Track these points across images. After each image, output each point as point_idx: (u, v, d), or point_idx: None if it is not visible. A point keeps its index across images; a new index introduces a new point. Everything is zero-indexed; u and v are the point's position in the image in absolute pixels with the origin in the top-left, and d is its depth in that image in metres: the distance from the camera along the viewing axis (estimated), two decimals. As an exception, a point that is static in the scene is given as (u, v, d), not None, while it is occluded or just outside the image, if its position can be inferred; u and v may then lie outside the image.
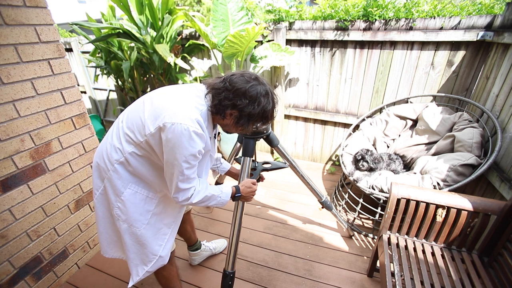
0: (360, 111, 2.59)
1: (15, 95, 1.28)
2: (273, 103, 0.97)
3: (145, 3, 2.57)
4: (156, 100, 0.94)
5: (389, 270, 1.26)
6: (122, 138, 0.97)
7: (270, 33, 2.54)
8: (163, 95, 0.96)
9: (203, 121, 0.93)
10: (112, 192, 1.03)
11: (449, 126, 2.00)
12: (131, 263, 1.12)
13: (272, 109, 0.98)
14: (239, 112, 0.93)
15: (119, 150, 0.98)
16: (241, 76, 0.93)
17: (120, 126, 0.99)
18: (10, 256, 1.37)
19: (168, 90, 0.98)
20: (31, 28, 1.30)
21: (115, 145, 0.98)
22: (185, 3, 4.82)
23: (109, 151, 1.00)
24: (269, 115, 0.97)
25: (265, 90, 0.94)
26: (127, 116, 0.99)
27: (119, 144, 0.98)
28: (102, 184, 1.05)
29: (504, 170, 1.59)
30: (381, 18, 2.15)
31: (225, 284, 1.29)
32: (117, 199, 1.03)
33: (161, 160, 0.96)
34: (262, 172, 1.56)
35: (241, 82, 0.91)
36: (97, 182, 1.07)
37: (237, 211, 1.31)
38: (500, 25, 1.78)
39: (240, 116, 0.94)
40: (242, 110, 0.92)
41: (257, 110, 0.93)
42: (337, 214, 1.82)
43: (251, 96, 0.91)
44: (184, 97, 0.94)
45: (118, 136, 0.98)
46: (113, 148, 0.99)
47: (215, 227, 2.13)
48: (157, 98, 0.95)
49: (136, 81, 3.23)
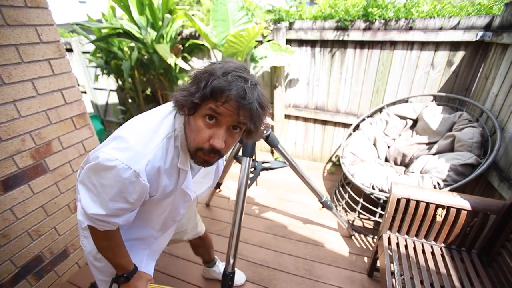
0: (360, 111, 2.59)
1: (16, 95, 1.29)
2: (232, 67, 0.67)
3: (146, 3, 2.57)
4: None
5: (389, 270, 1.26)
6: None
7: (270, 33, 2.54)
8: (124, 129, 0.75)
9: (163, 153, 0.72)
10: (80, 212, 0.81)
11: (449, 126, 2.00)
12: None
13: (224, 71, 0.65)
14: (189, 81, 0.70)
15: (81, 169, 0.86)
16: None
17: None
18: (11, 255, 1.37)
19: (130, 123, 0.76)
20: (32, 28, 1.30)
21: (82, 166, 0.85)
22: (185, 3, 4.82)
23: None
24: (226, 84, 0.63)
25: (230, 60, 0.71)
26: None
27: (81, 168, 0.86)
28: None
29: (503, 170, 1.59)
30: (381, 18, 2.15)
31: (225, 284, 1.29)
32: (82, 228, 0.91)
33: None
34: (262, 171, 1.57)
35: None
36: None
37: (237, 211, 1.31)
38: (498, 25, 1.79)
39: (187, 90, 0.68)
40: (192, 77, 0.71)
41: (209, 68, 0.67)
42: (337, 214, 1.83)
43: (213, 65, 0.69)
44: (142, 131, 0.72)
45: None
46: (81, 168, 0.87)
47: (215, 227, 2.13)
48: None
49: (136, 81, 3.23)
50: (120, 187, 0.68)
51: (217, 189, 2.18)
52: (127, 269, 0.86)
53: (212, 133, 0.68)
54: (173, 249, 1.88)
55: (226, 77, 0.64)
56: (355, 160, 2.22)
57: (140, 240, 0.98)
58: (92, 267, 0.98)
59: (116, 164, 0.65)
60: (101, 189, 0.69)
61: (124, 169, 0.66)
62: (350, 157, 2.22)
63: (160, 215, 0.93)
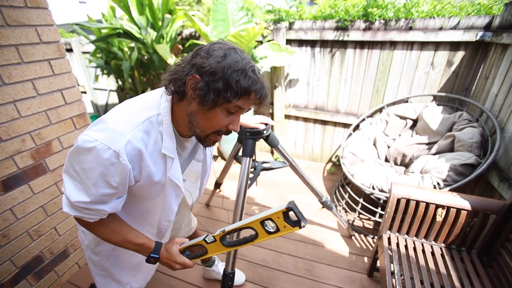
0: (360, 111, 2.59)
1: (16, 95, 1.29)
2: (252, 65, 0.68)
3: (145, 3, 2.57)
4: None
5: (389, 270, 1.26)
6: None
7: (270, 33, 2.54)
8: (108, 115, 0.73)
9: (143, 136, 0.70)
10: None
11: (449, 126, 2.00)
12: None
13: (251, 72, 0.66)
14: (200, 73, 0.65)
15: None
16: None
17: None
18: (11, 256, 1.37)
19: (118, 108, 0.75)
20: (32, 28, 1.30)
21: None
22: (185, 3, 4.82)
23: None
24: (251, 81, 0.65)
25: (239, 50, 0.69)
26: None
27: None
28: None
29: (503, 170, 1.59)
30: (381, 18, 2.15)
31: (225, 284, 1.29)
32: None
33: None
34: (262, 171, 1.57)
35: (201, 47, 0.70)
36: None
37: (237, 211, 1.31)
38: (498, 25, 1.79)
39: (205, 82, 0.65)
40: (201, 67, 0.65)
41: (225, 63, 0.64)
42: (337, 214, 1.83)
43: (214, 50, 0.67)
44: (124, 112, 0.72)
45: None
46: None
47: (215, 227, 2.13)
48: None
49: (136, 81, 3.23)
50: (102, 170, 0.67)
51: (217, 189, 2.18)
52: (149, 246, 0.82)
53: (231, 120, 0.72)
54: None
55: (249, 75, 0.66)
56: (355, 160, 2.22)
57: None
58: (90, 261, 0.98)
59: (95, 145, 0.64)
60: (83, 174, 0.68)
61: (104, 149, 0.64)
62: (350, 157, 2.22)
63: (154, 215, 0.91)
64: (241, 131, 1.40)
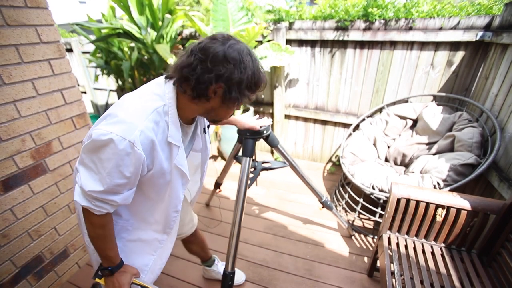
0: (360, 111, 2.60)
1: (16, 95, 1.29)
2: (258, 62, 0.79)
3: (145, 3, 2.57)
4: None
5: (389, 270, 1.26)
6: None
7: (270, 33, 2.54)
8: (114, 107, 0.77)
9: (154, 126, 0.74)
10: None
11: (449, 126, 2.00)
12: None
13: (260, 69, 0.79)
14: (227, 83, 0.72)
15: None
16: (213, 40, 0.74)
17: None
18: (11, 255, 1.37)
19: (121, 101, 0.79)
20: (32, 28, 1.30)
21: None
22: (185, 3, 4.82)
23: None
24: (261, 76, 0.78)
25: (246, 48, 0.76)
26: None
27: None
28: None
29: (503, 170, 1.59)
30: (381, 18, 2.15)
31: (225, 284, 1.29)
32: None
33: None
34: (262, 171, 1.57)
35: (216, 46, 0.72)
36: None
37: (237, 211, 1.31)
38: (498, 25, 1.79)
39: (229, 88, 0.73)
40: (229, 79, 0.72)
41: (247, 72, 0.73)
42: (337, 214, 1.83)
43: (234, 57, 0.71)
44: (133, 102, 0.76)
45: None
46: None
47: (215, 227, 2.13)
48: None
49: (136, 81, 3.23)
50: (117, 161, 0.70)
51: (217, 189, 2.18)
52: (113, 262, 0.86)
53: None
54: (173, 249, 1.88)
55: (261, 74, 0.79)
56: (355, 160, 2.22)
57: (145, 243, 0.99)
58: (91, 250, 0.99)
59: (111, 137, 0.67)
60: (100, 164, 0.71)
61: (119, 140, 0.68)
62: (350, 157, 2.22)
63: (161, 210, 0.94)
64: (241, 131, 1.40)
